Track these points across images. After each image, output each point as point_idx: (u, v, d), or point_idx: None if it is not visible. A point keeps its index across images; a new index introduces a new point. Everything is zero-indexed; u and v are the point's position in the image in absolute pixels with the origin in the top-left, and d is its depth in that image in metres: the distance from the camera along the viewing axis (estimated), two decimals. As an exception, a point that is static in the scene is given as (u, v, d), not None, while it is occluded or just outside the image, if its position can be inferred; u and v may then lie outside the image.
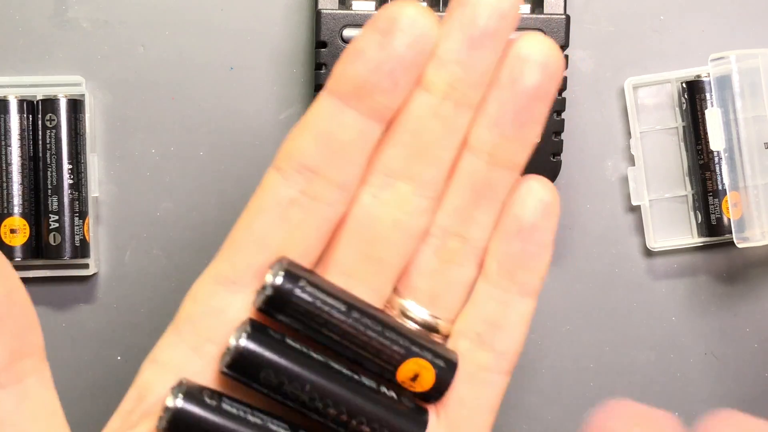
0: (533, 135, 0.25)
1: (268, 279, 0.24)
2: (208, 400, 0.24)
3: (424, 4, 0.36)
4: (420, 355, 0.25)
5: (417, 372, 0.25)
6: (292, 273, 0.24)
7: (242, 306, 0.24)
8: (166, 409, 0.23)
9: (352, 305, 0.24)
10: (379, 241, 0.25)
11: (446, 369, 0.25)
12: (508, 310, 0.25)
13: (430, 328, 0.26)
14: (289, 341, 0.24)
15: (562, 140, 0.36)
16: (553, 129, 0.36)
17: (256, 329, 0.24)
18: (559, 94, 0.36)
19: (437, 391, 0.25)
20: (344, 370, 0.24)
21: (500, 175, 0.25)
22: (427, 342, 0.25)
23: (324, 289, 0.24)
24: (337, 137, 0.24)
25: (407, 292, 0.26)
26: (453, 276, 0.26)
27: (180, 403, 0.23)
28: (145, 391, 0.24)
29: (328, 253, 0.25)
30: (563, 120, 0.36)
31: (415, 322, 0.26)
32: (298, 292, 0.24)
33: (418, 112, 0.24)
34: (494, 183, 0.25)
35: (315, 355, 0.24)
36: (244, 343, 0.24)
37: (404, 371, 0.25)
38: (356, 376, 0.25)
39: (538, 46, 0.24)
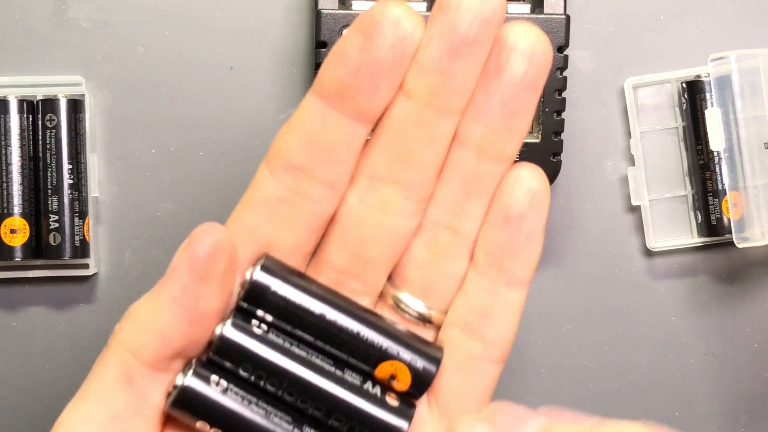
0: (523, 125, 0.24)
1: (247, 275, 0.24)
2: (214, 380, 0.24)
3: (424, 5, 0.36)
4: (395, 357, 0.25)
5: (393, 373, 0.25)
6: (271, 270, 0.24)
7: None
8: (174, 386, 0.24)
9: (330, 303, 0.25)
10: (367, 243, 0.25)
11: (425, 368, 0.25)
12: (496, 299, 0.25)
13: (424, 319, 0.26)
14: (272, 336, 0.24)
15: (562, 140, 0.36)
16: (553, 129, 0.36)
17: (237, 322, 0.24)
18: (559, 94, 0.36)
19: (417, 390, 0.25)
20: (326, 367, 0.25)
21: (490, 167, 0.24)
22: (407, 340, 0.25)
23: (302, 287, 0.24)
24: (323, 138, 0.24)
25: (401, 284, 0.26)
26: (445, 268, 0.25)
27: (189, 381, 0.24)
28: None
29: (321, 251, 0.26)
30: (563, 120, 0.36)
31: (409, 313, 0.26)
32: (273, 289, 0.24)
33: (401, 119, 0.24)
34: (484, 175, 0.24)
35: (297, 351, 0.24)
36: (224, 331, 0.24)
37: (381, 372, 0.25)
38: (339, 372, 0.25)
39: (525, 35, 0.23)
